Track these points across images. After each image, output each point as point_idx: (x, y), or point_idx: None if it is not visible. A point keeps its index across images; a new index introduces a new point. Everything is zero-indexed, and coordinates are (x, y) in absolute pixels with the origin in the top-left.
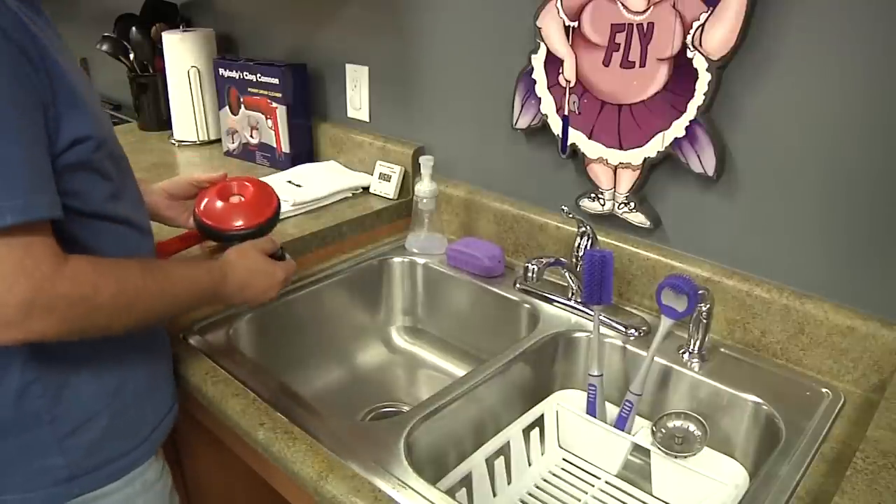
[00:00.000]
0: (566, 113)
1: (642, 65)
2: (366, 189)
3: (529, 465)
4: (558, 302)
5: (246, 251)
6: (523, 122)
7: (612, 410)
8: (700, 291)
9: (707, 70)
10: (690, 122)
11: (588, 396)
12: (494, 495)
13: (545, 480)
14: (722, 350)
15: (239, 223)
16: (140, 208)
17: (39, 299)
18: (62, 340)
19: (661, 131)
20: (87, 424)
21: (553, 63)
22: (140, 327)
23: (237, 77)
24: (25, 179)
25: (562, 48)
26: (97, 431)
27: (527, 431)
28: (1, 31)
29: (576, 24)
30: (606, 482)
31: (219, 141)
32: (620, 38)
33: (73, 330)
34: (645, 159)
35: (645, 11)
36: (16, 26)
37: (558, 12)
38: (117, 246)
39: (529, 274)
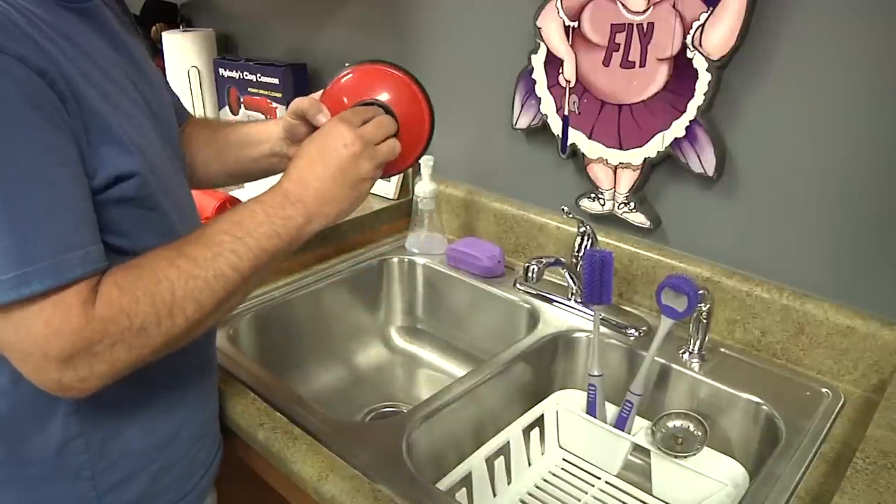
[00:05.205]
0: (566, 113)
1: (642, 65)
2: None
3: (529, 465)
4: (558, 302)
5: (308, 142)
6: (523, 122)
7: (612, 410)
8: (700, 291)
9: (707, 70)
10: (690, 122)
11: (588, 396)
12: (494, 495)
13: (545, 480)
14: (722, 350)
15: None
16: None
17: (77, 354)
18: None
19: (661, 131)
20: (132, 478)
21: (553, 63)
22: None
23: (237, 77)
24: (52, 237)
25: (562, 48)
26: (144, 485)
27: (527, 431)
28: (18, 61)
29: (576, 24)
30: (606, 482)
31: None
32: (620, 38)
33: (132, 362)
34: (645, 159)
35: (645, 11)
36: (36, 52)
37: (558, 12)
38: None
39: (529, 274)
